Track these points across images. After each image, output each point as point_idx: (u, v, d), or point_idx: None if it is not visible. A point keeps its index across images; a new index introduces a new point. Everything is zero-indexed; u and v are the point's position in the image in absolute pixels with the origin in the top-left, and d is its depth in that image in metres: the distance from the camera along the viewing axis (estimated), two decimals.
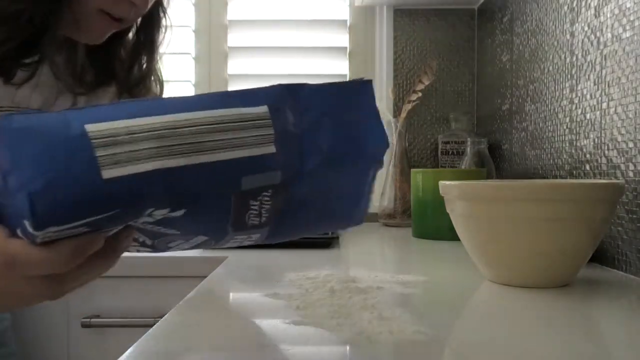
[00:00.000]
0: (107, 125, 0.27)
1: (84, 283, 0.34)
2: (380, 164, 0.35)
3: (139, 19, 0.69)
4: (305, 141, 0.31)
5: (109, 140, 0.26)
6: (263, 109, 0.30)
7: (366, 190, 0.36)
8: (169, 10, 0.73)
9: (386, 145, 0.34)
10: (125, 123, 0.27)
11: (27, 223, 0.26)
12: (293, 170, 0.31)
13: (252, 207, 0.31)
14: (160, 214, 0.29)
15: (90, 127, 0.26)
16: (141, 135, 0.27)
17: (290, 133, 0.30)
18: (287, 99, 0.31)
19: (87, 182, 0.26)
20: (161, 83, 0.76)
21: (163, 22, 0.72)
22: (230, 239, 0.36)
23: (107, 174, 0.26)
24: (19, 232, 0.28)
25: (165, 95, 0.77)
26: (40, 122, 0.26)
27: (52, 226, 0.27)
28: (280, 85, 0.31)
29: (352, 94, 0.33)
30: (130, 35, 0.71)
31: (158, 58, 0.74)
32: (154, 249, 0.36)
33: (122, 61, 0.72)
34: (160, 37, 0.72)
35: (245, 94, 0.30)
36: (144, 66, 0.73)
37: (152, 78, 0.74)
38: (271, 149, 0.30)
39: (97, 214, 0.27)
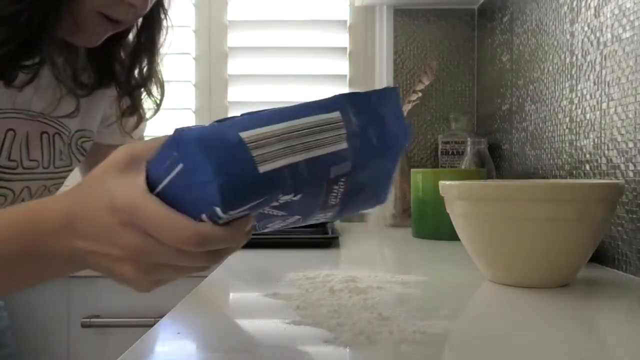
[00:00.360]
0: (254, 132, 0.36)
1: (227, 257, 0.42)
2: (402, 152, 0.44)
3: (140, 20, 0.69)
4: (363, 138, 0.40)
5: (257, 144, 0.35)
6: (337, 114, 0.38)
7: (393, 174, 0.45)
8: (169, 11, 0.72)
9: (410, 138, 0.41)
10: (264, 130, 0.36)
11: (217, 209, 0.35)
12: (357, 161, 0.40)
13: (333, 191, 0.40)
14: (285, 198, 0.38)
15: (243, 135, 0.35)
16: (274, 138, 0.36)
17: (354, 132, 0.39)
18: (348, 105, 0.39)
19: (250, 175, 0.35)
20: (162, 84, 0.75)
21: (164, 23, 0.72)
22: (314, 217, 0.44)
23: (262, 169, 0.35)
24: (203, 217, 0.36)
25: (166, 96, 0.77)
26: (209, 133, 0.36)
27: (232, 210, 0.36)
28: (342, 94, 0.40)
29: (386, 98, 0.42)
30: (131, 36, 0.71)
31: (159, 60, 0.73)
32: (253, 230, 0.44)
33: (122, 63, 0.71)
34: (161, 38, 0.72)
35: (323, 103, 0.39)
36: (145, 68, 0.72)
37: (153, 80, 0.74)
38: (344, 145, 0.39)
39: (257, 199, 0.36)
